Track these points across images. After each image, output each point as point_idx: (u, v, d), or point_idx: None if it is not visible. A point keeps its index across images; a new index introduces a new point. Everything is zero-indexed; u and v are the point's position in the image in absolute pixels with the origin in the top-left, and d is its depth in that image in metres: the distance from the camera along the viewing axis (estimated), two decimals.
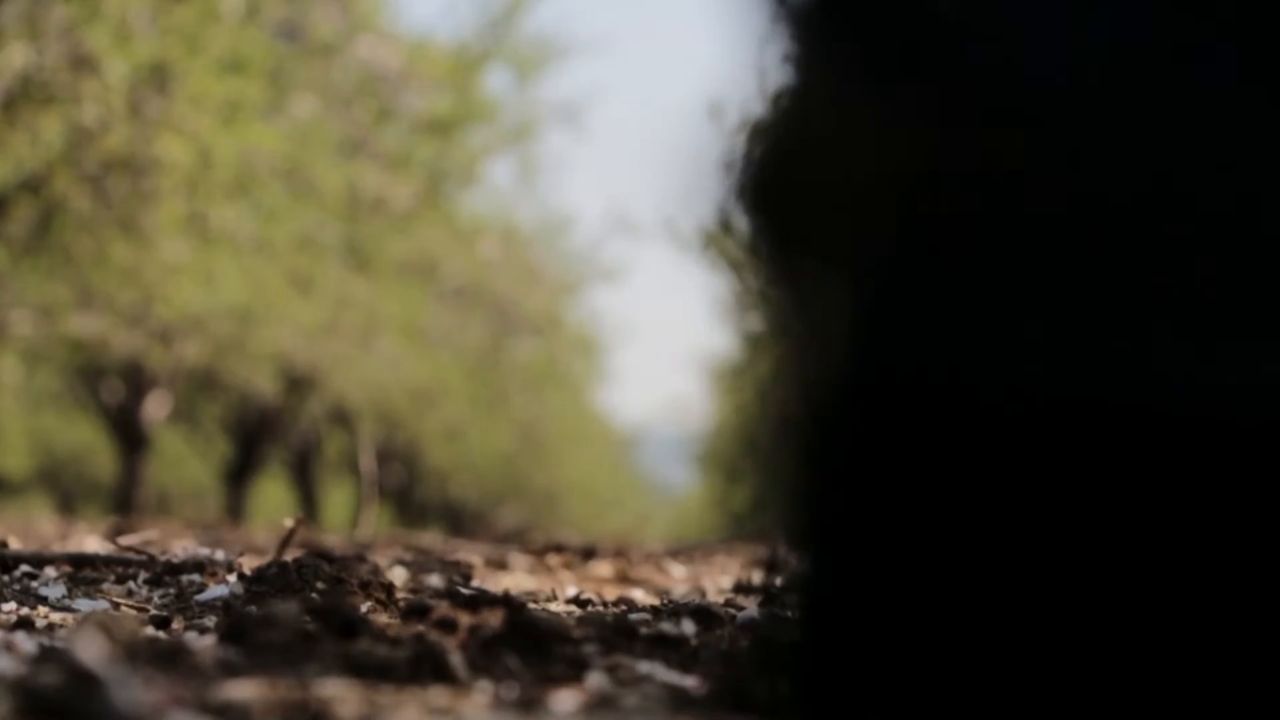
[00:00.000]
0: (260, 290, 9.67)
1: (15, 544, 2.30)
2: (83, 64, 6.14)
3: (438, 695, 1.11)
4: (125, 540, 2.43)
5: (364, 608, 1.67)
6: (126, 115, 6.44)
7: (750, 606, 1.91)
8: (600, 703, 1.10)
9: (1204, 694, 0.92)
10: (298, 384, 14.24)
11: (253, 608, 1.61)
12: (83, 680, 0.89)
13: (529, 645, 1.22)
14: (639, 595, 2.59)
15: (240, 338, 10.61)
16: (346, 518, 16.05)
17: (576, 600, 2.09)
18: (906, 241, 0.97)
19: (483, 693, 1.12)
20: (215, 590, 1.79)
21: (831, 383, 1.02)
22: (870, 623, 0.98)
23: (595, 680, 1.18)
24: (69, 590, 1.88)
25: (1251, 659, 0.92)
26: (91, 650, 0.95)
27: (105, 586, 1.96)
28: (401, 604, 1.77)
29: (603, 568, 3.07)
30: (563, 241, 20.07)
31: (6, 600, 1.76)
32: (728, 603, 2.11)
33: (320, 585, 1.72)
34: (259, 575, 1.77)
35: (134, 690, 0.90)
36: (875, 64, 1.02)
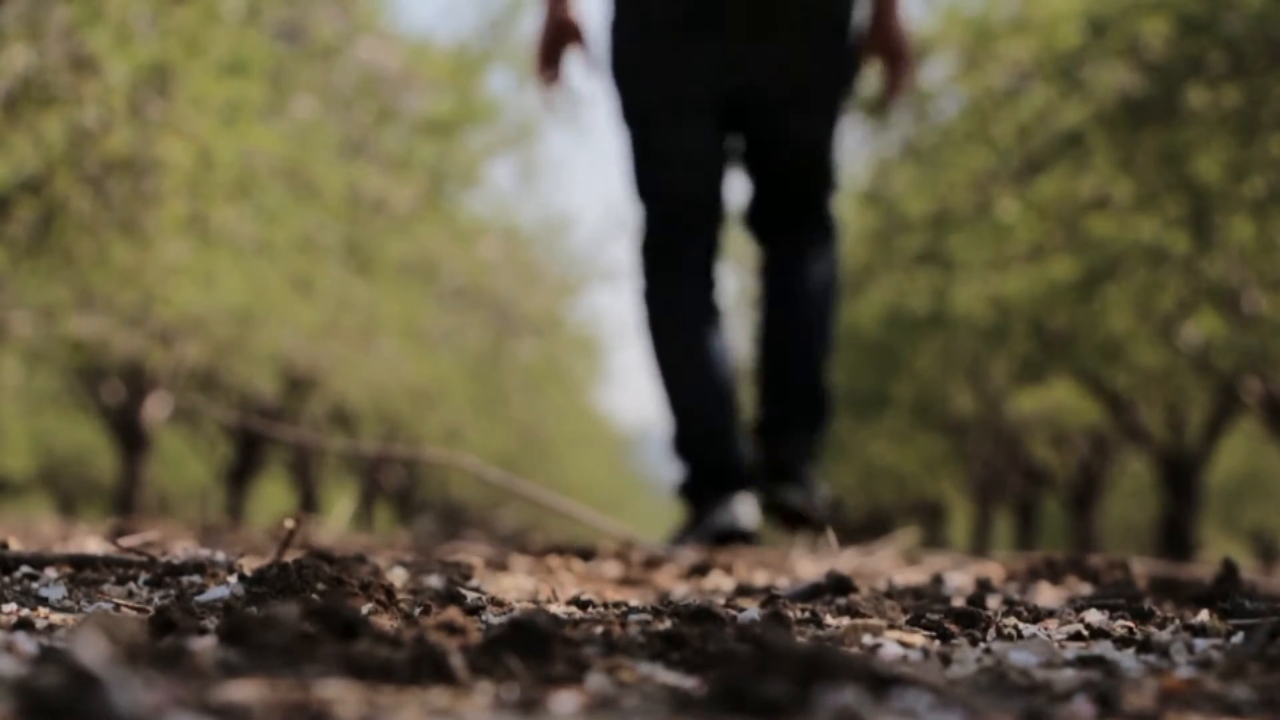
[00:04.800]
0: (261, 291, 9.67)
1: (15, 545, 2.30)
2: (84, 65, 6.14)
3: (438, 696, 1.11)
4: (126, 541, 2.43)
5: (364, 609, 1.67)
6: (127, 116, 6.45)
7: (751, 607, 1.91)
8: (601, 704, 1.10)
9: None
10: (298, 385, 14.25)
11: (253, 609, 1.61)
12: (83, 681, 0.89)
13: (529, 646, 1.22)
14: (639, 596, 2.59)
15: (241, 339, 10.61)
16: (347, 518, 16.03)
17: (577, 601, 2.09)
18: None
19: (483, 694, 1.12)
20: (216, 591, 1.79)
21: None
22: None
23: (595, 681, 1.18)
24: (69, 591, 1.88)
25: None
26: (92, 651, 0.95)
27: (106, 588, 1.96)
28: (402, 605, 1.77)
29: (603, 569, 3.08)
30: (563, 242, 20.09)
31: (7, 601, 1.76)
32: (729, 603, 2.11)
33: (321, 586, 1.72)
34: (259, 576, 1.77)
35: (134, 691, 0.90)
36: None
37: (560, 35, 3.89)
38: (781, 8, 3.65)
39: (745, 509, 3.72)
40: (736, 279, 14.78)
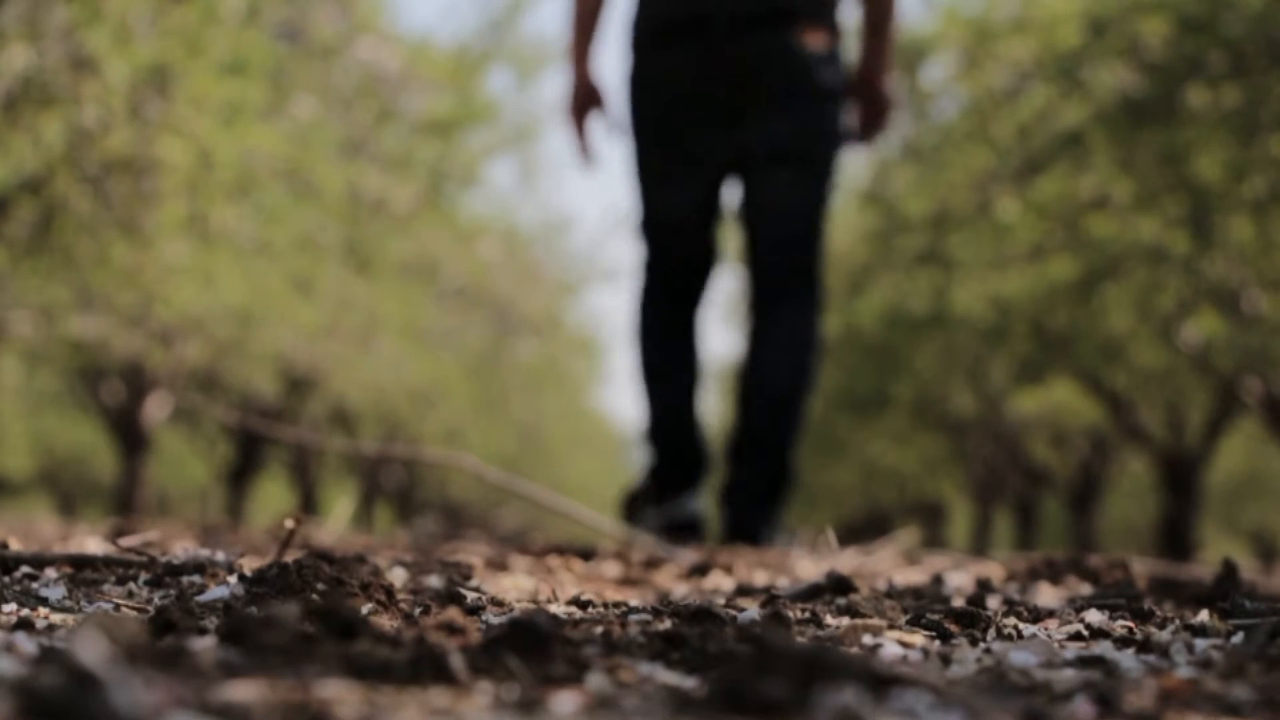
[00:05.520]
0: (261, 291, 9.67)
1: (15, 545, 2.30)
2: (83, 65, 6.14)
3: (438, 696, 1.11)
4: (126, 541, 2.43)
5: (364, 609, 1.67)
6: (127, 116, 6.45)
7: (751, 607, 1.91)
8: (601, 704, 1.10)
9: None
10: (298, 385, 14.25)
11: (253, 609, 1.61)
12: (83, 681, 0.89)
13: (529, 646, 1.22)
14: (639, 596, 2.59)
15: (241, 339, 10.61)
16: (347, 518, 16.00)
17: (577, 601, 2.09)
18: None
19: (483, 694, 1.12)
20: (216, 591, 1.79)
21: None
22: None
23: (595, 681, 1.18)
24: (69, 591, 1.88)
25: None
26: (92, 651, 0.95)
27: (106, 588, 1.96)
28: (402, 605, 1.77)
29: (603, 569, 3.08)
30: (563, 242, 20.09)
31: (7, 601, 1.76)
32: (729, 603, 2.11)
33: (320, 586, 1.72)
34: (259, 576, 1.77)
35: (134, 691, 0.90)
36: None
37: (585, 97, 4.38)
38: (772, 78, 4.09)
39: (698, 503, 4.20)
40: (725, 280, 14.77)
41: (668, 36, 4.14)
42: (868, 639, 1.59)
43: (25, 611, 1.69)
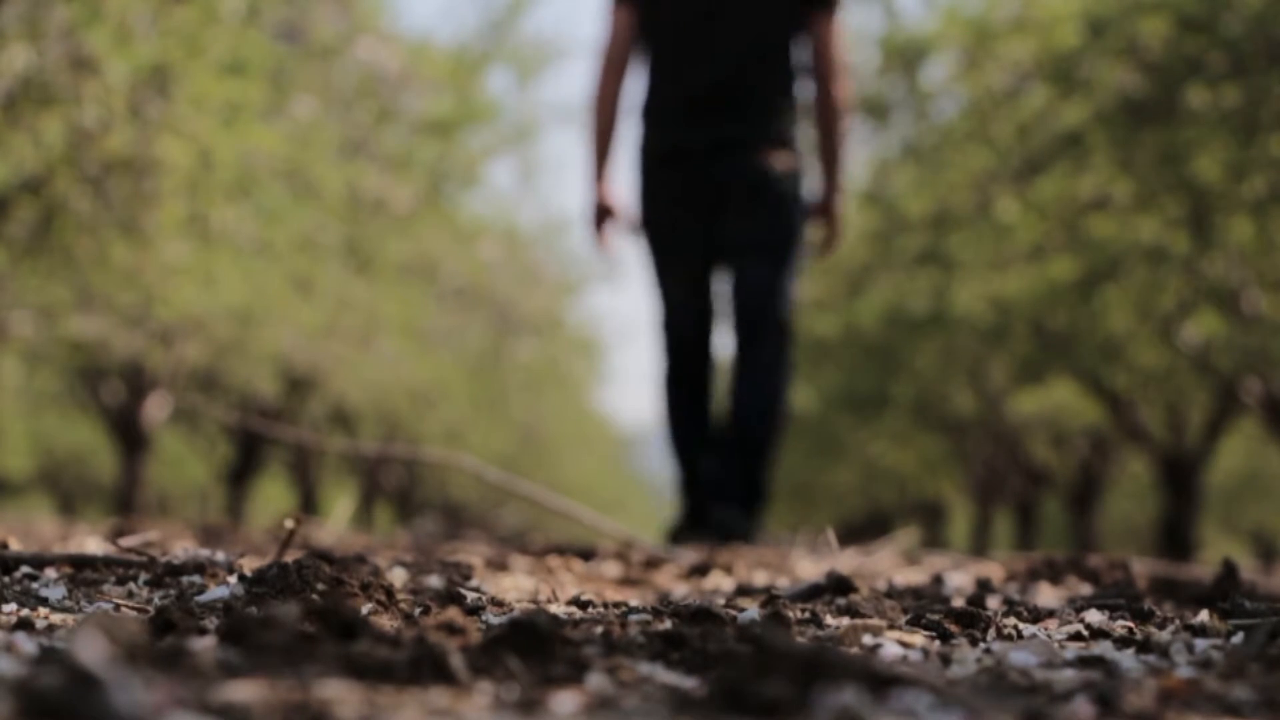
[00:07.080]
0: (261, 291, 9.66)
1: (15, 545, 2.30)
2: (83, 65, 6.13)
3: (438, 696, 1.11)
4: (126, 541, 2.43)
5: (364, 609, 1.67)
6: (127, 117, 6.44)
7: (751, 607, 1.91)
8: (601, 704, 1.10)
9: None
10: (298, 385, 14.24)
11: (253, 609, 1.61)
12: (83, 681, 0.89)
13: (530, 646, 1.22)
14: (639, 596, 2.59)
15: (241, 339, 10.60)
16: (347, 518, 15.95)
17: (577, 601, 2.09)
18: None
19: (483, 694, 1.12)
20: (216, 591, 1.79)
21: None
22: None
23: (596, 681, 1.18)
24: (69, 591, 1.88)
25: None
26: (92, 651, 0.95)
27: (106, 588, 1.96)
28: (402, 605, 1.77)
29: (603, 569, 3.08)
30: (563, 242, 20.07)
31: (7, 601, 1.76)
32: (729, 603, 2.11)
33: (320, 586, 1.72)
34: (259, 576, 1.77)
35: (134, 691, 0.90)
36: None
37: (603, 211, 5.19)
38: (742, 190, 5.00)
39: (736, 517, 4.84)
40: None
41: (662, 163, 5.07)
42: (868, 639, 1.59)
43: (25, 611, 1.69)
